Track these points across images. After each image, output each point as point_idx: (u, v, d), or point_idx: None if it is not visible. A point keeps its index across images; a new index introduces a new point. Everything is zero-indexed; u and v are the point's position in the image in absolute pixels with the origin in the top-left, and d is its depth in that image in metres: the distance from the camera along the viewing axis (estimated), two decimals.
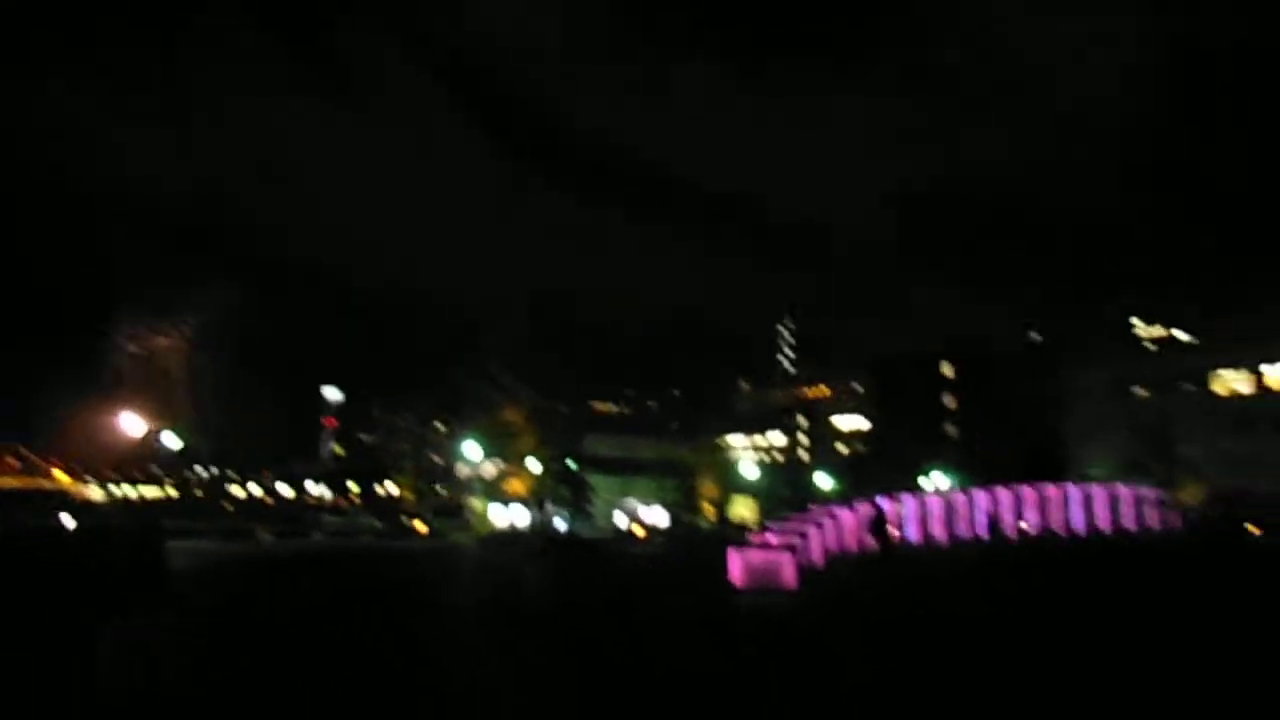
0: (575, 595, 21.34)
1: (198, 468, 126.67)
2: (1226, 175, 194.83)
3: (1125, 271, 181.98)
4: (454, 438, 51.82)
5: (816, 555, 23.06)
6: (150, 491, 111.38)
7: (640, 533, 52.00)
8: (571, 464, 54.87)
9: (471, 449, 47.45)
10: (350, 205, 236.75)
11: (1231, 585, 22.08)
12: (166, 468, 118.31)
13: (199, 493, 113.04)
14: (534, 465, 50.03)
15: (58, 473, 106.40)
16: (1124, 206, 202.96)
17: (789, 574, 18.14)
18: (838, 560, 24.73)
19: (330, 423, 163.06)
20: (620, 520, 60.27)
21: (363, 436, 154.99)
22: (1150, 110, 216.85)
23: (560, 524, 55.39)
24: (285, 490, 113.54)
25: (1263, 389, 59.54)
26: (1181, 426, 55.16)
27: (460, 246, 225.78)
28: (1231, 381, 61.02)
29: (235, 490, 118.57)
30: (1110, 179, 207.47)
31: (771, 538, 21.48)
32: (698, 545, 41.43)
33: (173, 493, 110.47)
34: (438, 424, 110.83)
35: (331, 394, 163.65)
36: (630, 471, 65.24)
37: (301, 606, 17.79)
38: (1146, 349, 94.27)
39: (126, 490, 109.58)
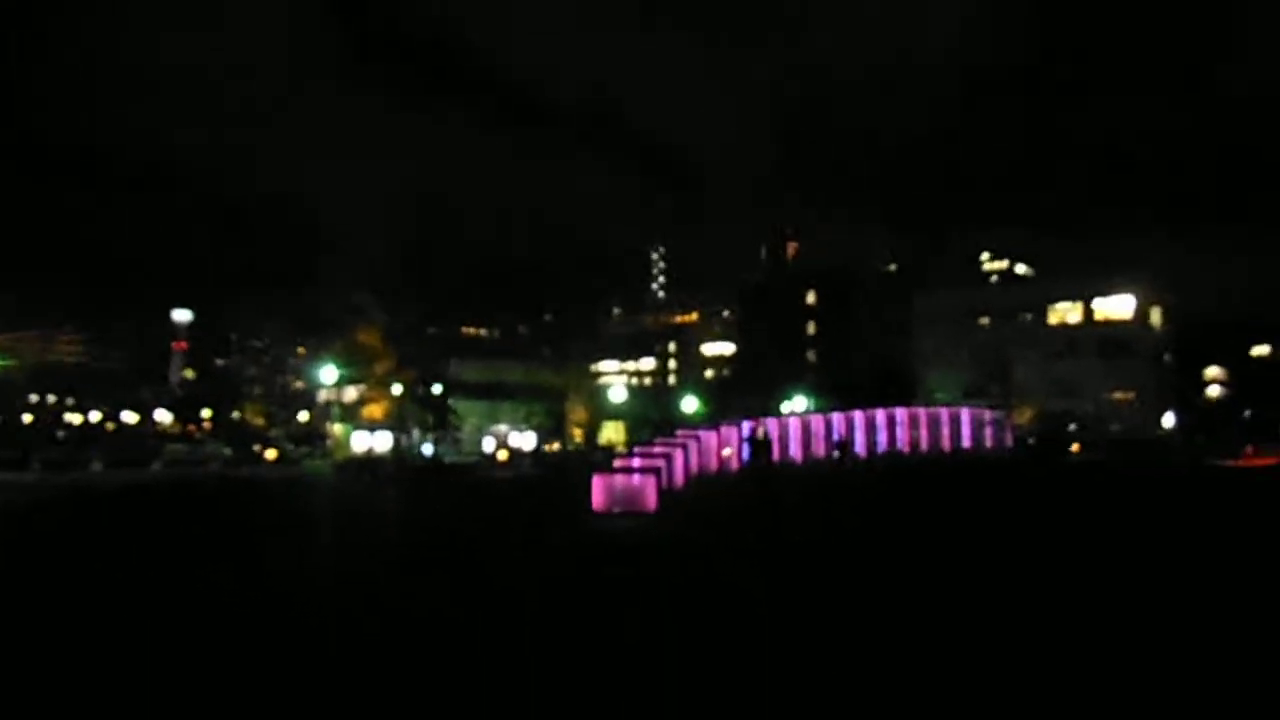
0: (426, 521, 20.93)
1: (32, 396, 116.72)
2: (1078, 124, 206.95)
3: (975, 206, 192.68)
4: (312, 361, 49.35)
5: (679, 477, 23.31)
6: None
7: (503, 456, 51.71)
8: (437, 388, 53.68)
9: (328, 373, 45.33)
10: (207, 117, 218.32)
11: (1051, 496, 24.65)
12: None
13: (28, 418, 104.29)
14: (395, 389, 48.51)
15: None
16: (981, 144, 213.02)
17: (650, 497, 18.19)
18: (700, 480, 25.23)
19: (180, 346, 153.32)
20: (488, 445, 59.82)
21: (218, 360, 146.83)
22: (1005, 51, 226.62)
23: (426, 449, 54.42)
24: (129, 417, 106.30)
25: (1090, 319, 64.61)
26: (1018, 353, 59.27)
27: (323, 162, 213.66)
28: (1064, 313, 65.90)
29: (71, 417, 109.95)
30: (973, 117, 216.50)
31: (635, 461, 21.53)
32: (563, 469, 41.45)
33: None
34: (300, 348, 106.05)
35: (180, 315, 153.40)
36: (499, 396, 64.60)
37: (120, 541, 16.47)
38: (990, 280, 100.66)
39: None
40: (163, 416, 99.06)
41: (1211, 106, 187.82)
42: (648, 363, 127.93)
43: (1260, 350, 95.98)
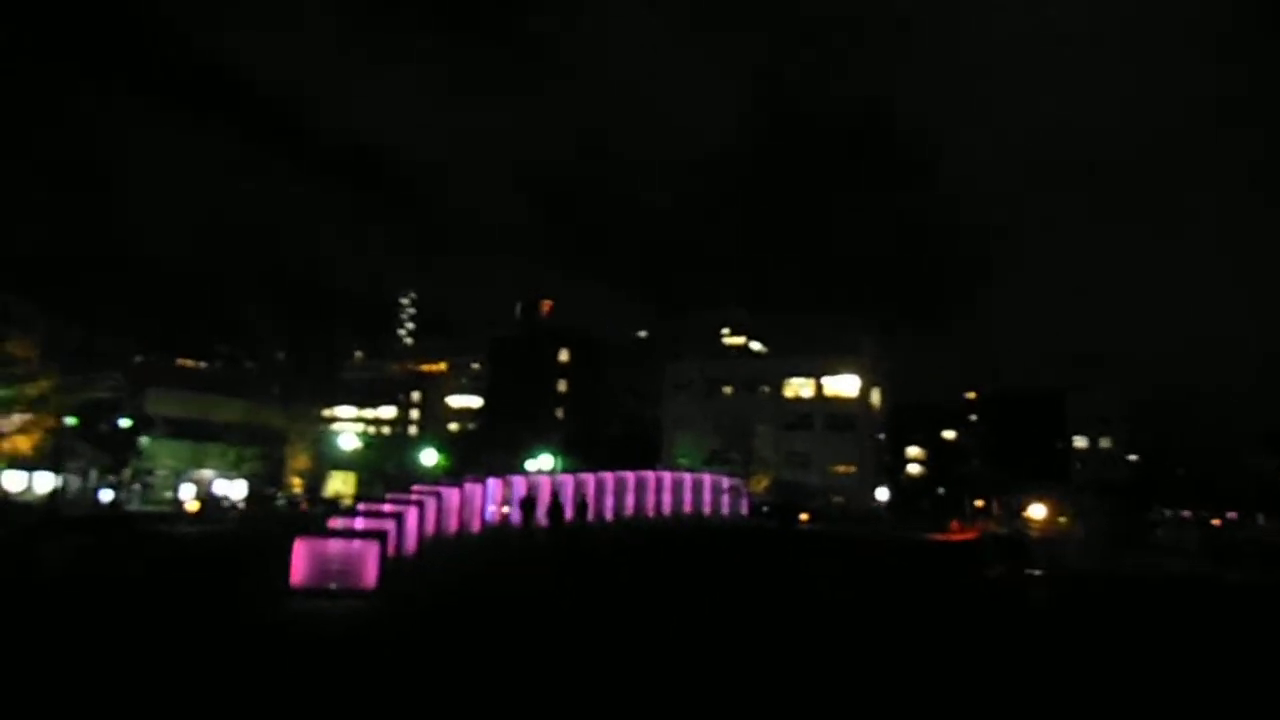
0: (74, 586, 16.17)
1: None
2: (807, 216, 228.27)
3: (722, 288, 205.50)
4: None
5: (412, 541, 19.87)
6: None
7: (194, 507, 44.28)
8: (124, 421, 45.18)
9: None
10: None
11: (779, 559, 25.51)
12: None
13: None
14: (66, 420, 39.70)
15: None
16: (728, 234, 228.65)
17: (369, 569, 14.48)
18: (439, 545, 21.99)
19: None
20: (187, 493, 51.69)
21: None
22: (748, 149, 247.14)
23: (104, 495, 45.70)
24: None
25: (821, 395, 69.03)
26: (756, 424, 61.66)
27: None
28: (799, 387, 69.93)
29: None
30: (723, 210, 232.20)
31: (356, 522, 17.84)
32: (269, 527, 35.35)
33: None
34: None
35: None
36: (205, 437, 55.98)
37: None
38: (731, 354, 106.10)
39: None
40: None
41: (916, 229, 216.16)
42: (388, 411, 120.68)
43: (949, 434, 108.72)
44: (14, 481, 43.08)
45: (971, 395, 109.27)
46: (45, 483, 43.87)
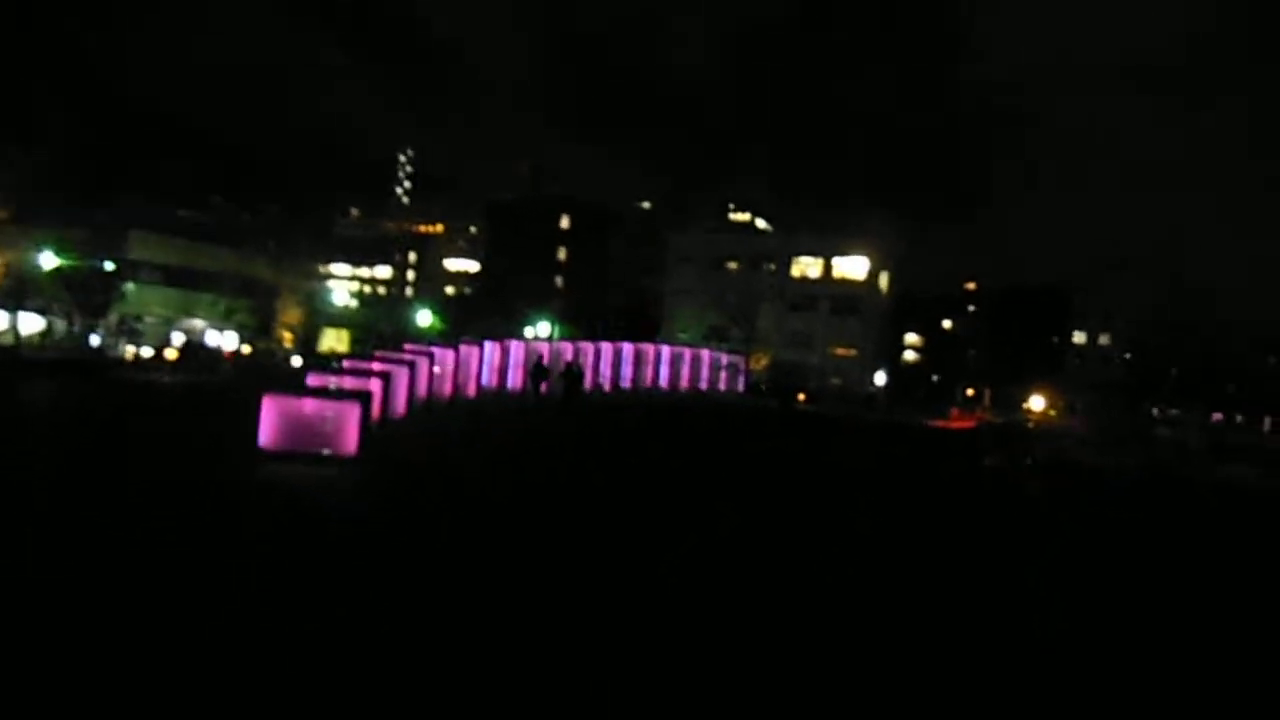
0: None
1: None
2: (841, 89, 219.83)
3: (739, 167, 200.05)
4: None
5: (401, 404, 18.48)
6: None
7: (172, 355, 42.99)
8: (109, 265, 43.43)
9: None
10: None
11: (780, 440, 24.51)
12: None
13: None
14: (47, 258, 37.84)
15: None
16: (734, 98, 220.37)
17: (349, 433, 12.88)
18: (429, 411, 20.80)
19: None
20: (176, 341, 50.63)
21: None
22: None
23: (92, 340, 44.59)
24: None
25: (829, 276, 67.56)
26: (760, 302, 60.48)
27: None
28: (806, 267, 68.32)
29: None
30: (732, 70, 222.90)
31: (338, 380, 16.13)
32: (252, 379, 33.94)
33: None
34: None
35: None
36: (194, 286, 54.37)
37: None
38: (736, 229, 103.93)
39: None
40: None
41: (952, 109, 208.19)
42: (384, 271, 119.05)
43: (947, 324, 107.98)
44: None
45: (971, 286, 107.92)
46: (31, 324, 42.70)
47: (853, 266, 67.00)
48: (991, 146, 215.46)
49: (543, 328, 62.15)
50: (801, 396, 51.12)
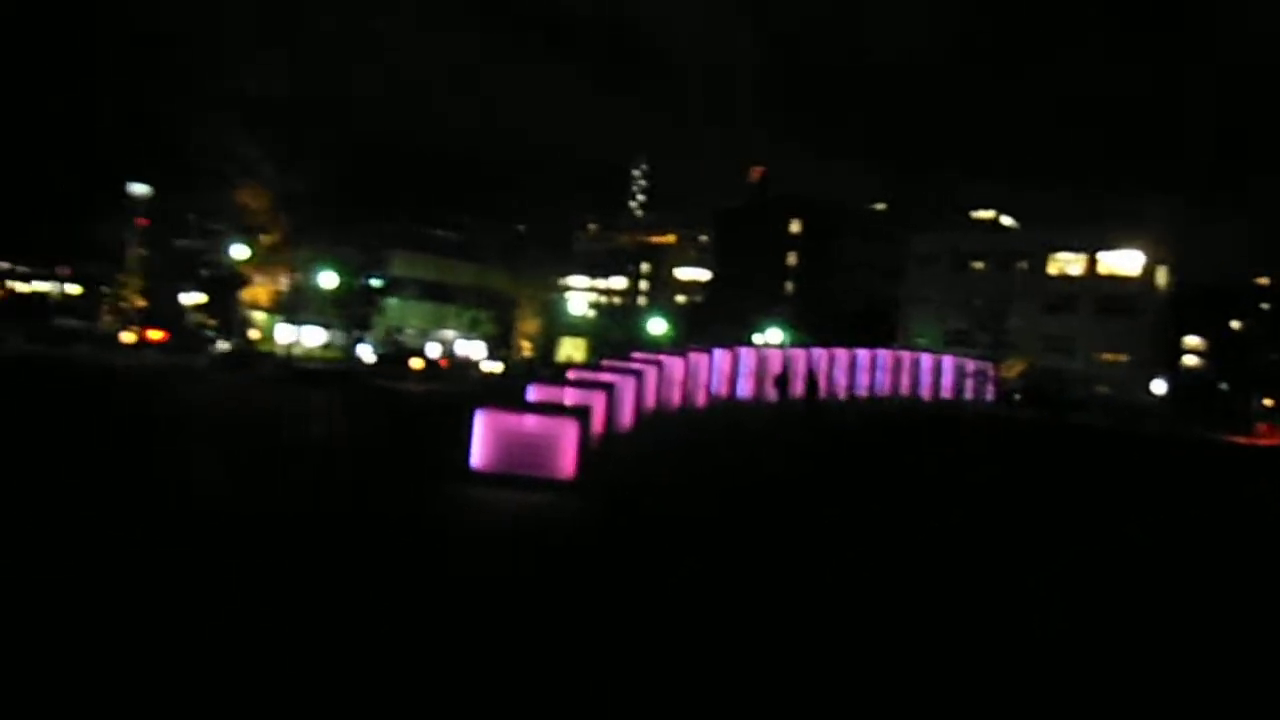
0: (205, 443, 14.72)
1: None
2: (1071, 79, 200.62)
3: (956, 152, 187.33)
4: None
5: (628, 416, 17.31)
6: None
7: (418, 365, 46.08)
8: (377, 281, 47.95)
9: (238, 248, 38.79)
10: None
11: (1042, 460, 21.10)
12: None
13: None
14: (327, 277, 42.06)
15: None
16: (965, 88, 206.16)
17: (566, 455, 11.64)
18: (657, 422, 19.51)
19: (142, 223, 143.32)
20: (432, 352, 54.79)
21: (177, 241, 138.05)
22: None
23: (364, 350, 49.28)
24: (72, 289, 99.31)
25: (1093, 273, 60.58)
26: (1011, 303, 55.33)
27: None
28: (1065, 264, 61.71)
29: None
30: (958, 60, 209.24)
31: (558, 392, 15.02)
32: (486, 388, 34.76)
33: None
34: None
35: (138, 189, 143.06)
36: (444, 299, 58.70)
37: None
38: (981, 225, 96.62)
39: None
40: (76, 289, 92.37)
41: (1213, 71, 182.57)
42: (618, 281, 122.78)
43: (1235, 324, 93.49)
44: (285, 334, 47.32)
45: (1264, 281, 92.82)
46: (314, 337, 48.03)
47: (1123, 261, 59.52)
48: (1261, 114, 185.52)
49: (773, 334, 60.79)
50: (1072, 408, 45.87)
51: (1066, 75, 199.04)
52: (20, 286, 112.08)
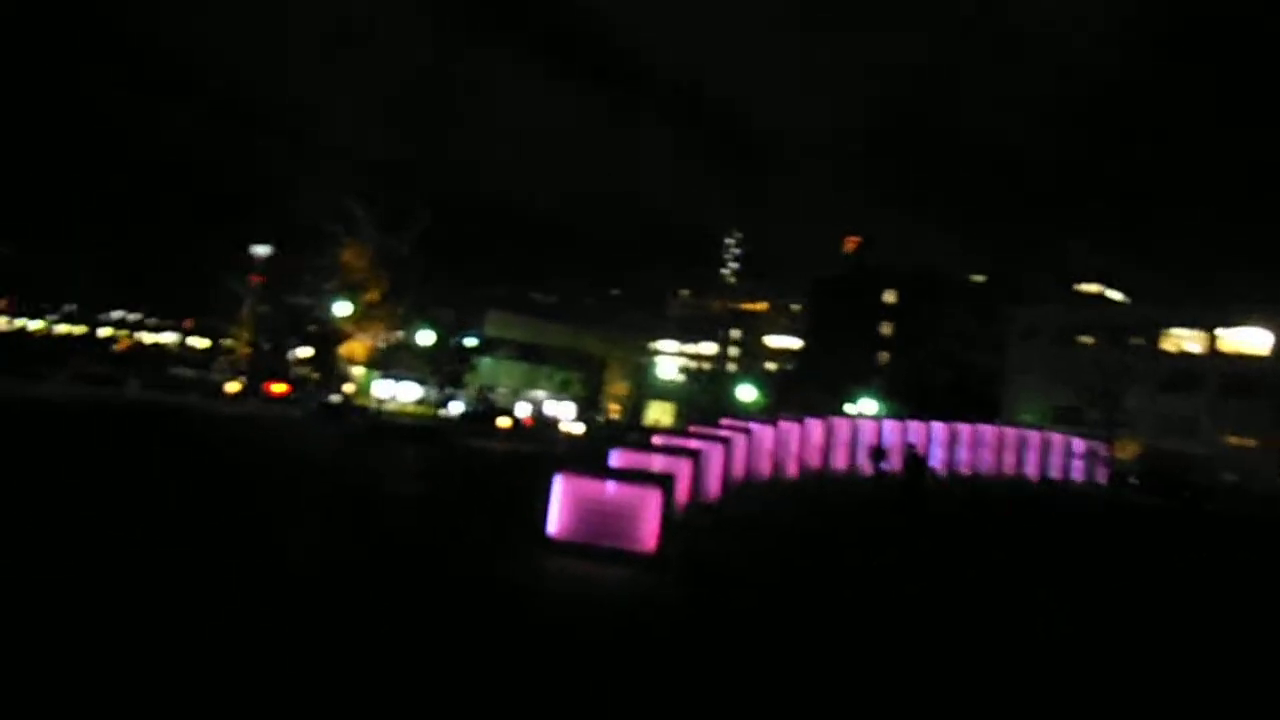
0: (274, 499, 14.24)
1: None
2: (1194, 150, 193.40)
3: (1072, 230, 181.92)
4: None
5: (714, 485, 16.68)
6: None
7: (505, 424, 46.38)
8: (472, 340, 48.92)
9: (341, 305, 40.34)
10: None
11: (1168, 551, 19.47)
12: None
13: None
14: (425, 335, 43.15)
15: None
16: (1070, 163, 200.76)
17: (648, 526, 11.00)
18: (744, 493, 18.78)
19: (257, 280, 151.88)
20: (521, 412, 55.32)
21: (290, 299, 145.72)
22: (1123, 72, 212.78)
23: (455, 406, 50.13)
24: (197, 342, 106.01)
25: (1214, 351, 56.91)
26: (1124, 380, 52.25)
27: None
28: (1183, 340, 58.24)
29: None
30: (1089, 134, 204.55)
31: (642, 458, 14.26)
32: (575, 451, 34.18)
33: None
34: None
35: (260, 250, 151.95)
36: (536, 359, 59.48)
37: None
38: (1086, 299, 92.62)
39: None
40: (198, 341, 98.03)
41: None
42: (709, 347, 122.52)
43: None
44: (381, 389, 48.67)
45: None
46: (409, 392, 49.30)
47: (1248, 339, 55.71)
48: None
49: (866, 404, 59.08)
50: (1198, 495, 42.62)
51: (1177, 151, 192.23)
52: (146, 337, 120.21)
